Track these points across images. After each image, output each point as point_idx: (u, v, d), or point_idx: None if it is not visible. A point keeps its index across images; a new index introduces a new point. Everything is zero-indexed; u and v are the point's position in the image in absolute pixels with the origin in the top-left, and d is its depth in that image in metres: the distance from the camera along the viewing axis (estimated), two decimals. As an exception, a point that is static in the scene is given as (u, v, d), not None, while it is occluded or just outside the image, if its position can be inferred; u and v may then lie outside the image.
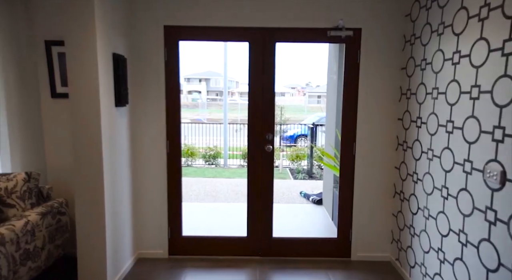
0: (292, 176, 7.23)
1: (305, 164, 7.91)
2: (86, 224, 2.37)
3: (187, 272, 2.80)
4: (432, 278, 2.29)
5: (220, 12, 2.76)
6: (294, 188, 5.94)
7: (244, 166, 8.31)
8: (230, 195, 5.50)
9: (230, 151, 9.04)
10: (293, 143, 10.38)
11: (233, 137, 9.38)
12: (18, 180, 2.47)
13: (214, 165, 8.38)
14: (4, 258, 2.03)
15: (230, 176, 7.15)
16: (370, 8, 2.77)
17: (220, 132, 9.69)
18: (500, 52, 1.65)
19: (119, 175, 2.60)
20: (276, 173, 7.23)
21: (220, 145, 8.96)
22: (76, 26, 2.17)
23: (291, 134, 10.85)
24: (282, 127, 10.65)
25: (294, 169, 7.80)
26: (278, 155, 8.08)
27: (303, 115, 15.79)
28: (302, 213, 4.46)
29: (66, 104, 2.82)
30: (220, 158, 8.61)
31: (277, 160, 7.95)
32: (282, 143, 10.13)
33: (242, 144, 9.22)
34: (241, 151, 8.97)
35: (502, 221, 1.62)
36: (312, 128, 7.70)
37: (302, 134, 10.63)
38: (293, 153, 8.21)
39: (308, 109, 20.18)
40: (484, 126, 1.76)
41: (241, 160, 8.64)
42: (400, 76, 2.84)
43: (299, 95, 27.50)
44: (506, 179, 1.60)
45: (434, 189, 2.27)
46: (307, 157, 7.83)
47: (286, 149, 9.17)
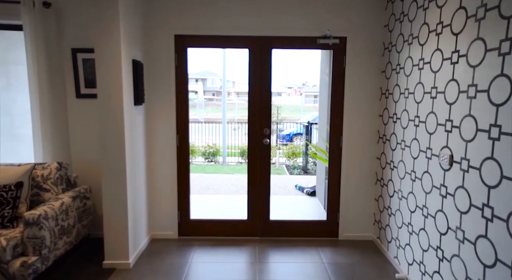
0: (288, 172, 7.65)
1: (300, 161, 8.34)
2: (112, 207, 2.77)
3: (195, 249, 3.21)
4: (404, 248, 2.72)
5: (223, 23, 3.18)
6: (290, 182, 6.36)
7: (242, 163, 8.72)
8: (230, 188, 5.91)
9: (229, 149, 9.45)
10: (290, 141, 10.78)
11: (231, 136, 9.79)
12: (51, 168, 2.88)
13: (214, 162, 8.78)
14: (47, 231, 2.43)
15: (229, 172, 7.56)
16: (354, 20, 3.20)
17: (217, 131, 10.08)
18: (449, 60, 2.08)
19: (137, 165, 3.01)
20: (273, 169, 7.66)
21: (218, 143, 9.36)
22: (105, 38, 2.58)
23: (287, 133, 11.23)
24: (279, 126, 11.05)
25: (290, 165, 8.22)
26: (275, 152, 8.50)
27: (299, 115, 16.20)
28: (297, 203, 4.89)
29: (89, 104, 3.23)
30: (219, 155, 9.01)
31: (273, 157, 8.37)
32: (278, 142, 10.52)
33: (240, 142, 9.62)
34: (239, 149, 9.37)
35: (450, 194, 2.05)
36: (307, 126, 8.12)
37: (298, 133, 11.00)
38: (289, 151, 8.64)
39: (305, 108, 20.59)
40: (440, 119, 2.19)
41: (239, 157, 9.05)
42: (380, 78, 3.27)
43: (295, 95, 27.91)
44: (453, 161, 2.03)
45: (406, 174, 2.71)
46: (302, 154, 8.26)
47: (282, 147, 9.58)
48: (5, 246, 2.25)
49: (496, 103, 1.67)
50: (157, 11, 3.16)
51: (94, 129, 3.25)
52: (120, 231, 2.81)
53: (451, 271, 2.05)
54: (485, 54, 1.76)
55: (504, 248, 1.60)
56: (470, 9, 1.89)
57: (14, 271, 2.28)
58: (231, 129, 10.26)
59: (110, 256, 2.82)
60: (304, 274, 2.79)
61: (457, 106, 2.01)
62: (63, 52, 3.15)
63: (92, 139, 3.26)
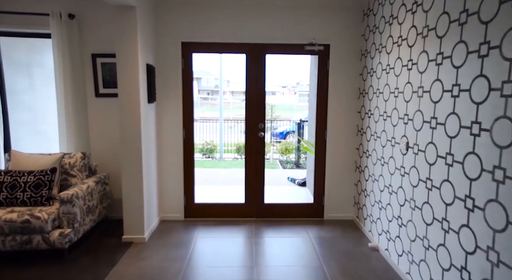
0: (281, 166, 8.17)
1: (293, 156, 8.87)
2: (130, 190, 3.27)
3: (199, 228, 3.71)
4: (376, 222, 3.26)
5: (223, 32, 3.68)
6: (283, 175, 6.88)
7: (238, 159, 9.23)
8: (227, 180, 6.41)
9: (225, 146, 9.94)
10: (283, 139, 11.29)
11: (227, 134, 10.28)
12: (77, 157, 3.36)
13: (211, 158, 9.27)
14: (78, 208, 2.92)
15: (226, 167, 8.07)
16: (336, 30, 3.72)
17: (212, 129, 10.56)
18: (406, 67, 2.62)
19: (149, 155, 3.51)
20: (267, 164, 8.17)
21: (215, 141, 9.85)
22: (125, 46, 3.07)
23: (281, 131, 11.73)
24: (273, 124, 11.56)
25: (283, 160, 8.75)
26: (269, 149, 9.02)
27: (293, 113, 16.72)
28: (289, 192, 5.41)
29: (107, 102, 3.71)
30: (216, 152, 9.51)
31: (268, 153, 8.89)
32: (272, 139, 11.03)
33: (235, 140, 10.12)
34: (235, 146, 9.87)
35: (406, 173, 2.59)
36: (299, 123, 8.65)
37: (292, 131, 11.52)
38: (282, 147, 9.16)
39: (298, 107, 21.13)
40: (400, 114, 2.73)
41: (235, 153, 9.55)
42: (358, 80, 3.80)
43: (289, 94, 28.44)
44: (408, 147, 2.57)
45: (377, 160, 3.24)
46: (295, 150, 8.80)
47: (276, 144, 10.10)
48: (46, 219, 2.74)
49: (434, 101, 2.20)
50: (166, 22, 3.65)
51: (110, 124, 3.74)
52: (136, 211, 3.30)
53: (407, 234, 2.59)
54: (428, 64, 2.30)
55: (440, 211, 2.14)
56: (419, 28, 2.42)
57: (54, 239, 2.77)
58: (227, 127, 10.75)
59: (128, 232, 3.31)
60: (293, 245, 3.31)
61: (411, 103, 2.54)
62: (84, 57, 3.62)
63: (109, 133, 3.75)
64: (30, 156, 3.19)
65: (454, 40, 2.02)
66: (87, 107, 3.71)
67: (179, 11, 3.63)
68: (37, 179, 2.94)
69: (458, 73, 1.97)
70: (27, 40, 4.00)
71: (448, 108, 2.07)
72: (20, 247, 2.75)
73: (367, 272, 2.80)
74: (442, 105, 2.13)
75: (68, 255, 2.90)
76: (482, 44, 1.77)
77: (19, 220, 2.68)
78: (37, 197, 2.91)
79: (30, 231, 2.73)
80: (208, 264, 2.91)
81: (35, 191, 2.92)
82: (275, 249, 3.23)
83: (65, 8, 3.44)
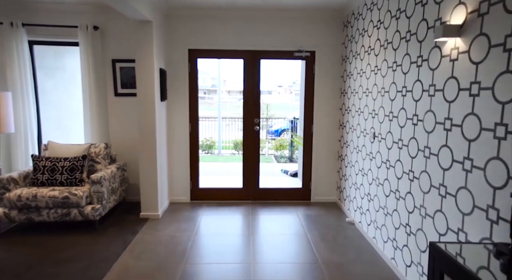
0: (276, 161, 8.81)
1: (287, 152, 9.51)
2: (146, 174, 3.88)
3: (204, 208, 4.33)
4: (352, 201, 3.90)
5: (224, 40, 4.30)
6: (277, 168, 7.52)
7: (235, 154, 9.85)
8: (226, 172, 7.03)
9: (223, 143, 10.55)
10: (278, 136, 11.91)
11: (225, 131, 10.89)
12: (101, 147, 3.97)
13: (210, 153, 9.89)
14: (105, 188, 3.54)
15: (224, 161, 8.68)
16: (320, 38, 4.35)
17: (210, 128, 11.16)
18: (373, 72, 3.26)
19: (162, 145, 4.12)
20: (263, 158, 8.78)
21: (213, 138, 10.46)
22: (143, 54, 3.68)
23: (276, 129, 12.35)
24: (268, 123, 12.17)
25: (278, 156, 9.38)
26: (264, 145, 9.64)
27: (289, 112, 17.32)
28: (282, 182, 6.04)
29: (124, 100, 4.32)
30: (214, 148, 10.12)
31: (263, 149, 9.52)
32: (268, 136, 11.64)
33: (232, 137, 10.73)
34: (232, 143, 10.48)
35: (374, 157, 3.24)
36: (292, 121, 9.29)
37: (286, 129, 12.13)
38: (277, 143, 9.80)
39: (294, 106, 21.75)
40: (370, 110, 3.37)
41: (233, 149, 10.17)
42: (339, 82, 4.44)
43: (286, 93, 29.09)
44: (375, 136, 3.21)
45: (354, 149, 3.88)
46: (289, 146, 9.43)
47: (271, 141, 10.72)
48: (82, 196, 3.35)
49: (392, 99, 2.85)
50: (175, 32, 4.26)
51: (127, 119, 4.34)
52: (151, 193, 3.92)
53: (373, 207, 3.24)
54: (387, 70, 2.94)
55: (394, 184, 2.78)
56: (382, 41, 3.06)
57: (87, 213, 3.38)
58: (224, 125, 11.36)
59: (145, 209, 3.93)
60: (283, 220, 3.95)
61: (377, 101, 3.18)
62: (106, 62, 4.23)
63: (126, 127, 4.36)
64: (63, 146, 3.80)
65: (403, 53, 2.66)
66: (107, 104, 4.31)
67: (186, 23, 4.24)
68: (71, 164, 3.55)
69: (406, 78, 2.61)
70: (53, 46, 4.59)
71: (399, 105, 2.71)
72: (61, 218, 3.36)
73: (342, 238, 3.44)
74: (396, 102, 2.77)
75: (98, 226, 3.52)
76: (418, 57, 2.41)
77: (60, 196, 3.29)
78: (72, 178, 3.52)
79: (69, 206, 3.34)
80: (213, 233, 3.54)
81: (70, 173, 3.53)
82: (269, 223, 3.87)
83: (90, 21, 4.05)
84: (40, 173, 3.50)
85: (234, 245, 3.27)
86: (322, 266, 2.86)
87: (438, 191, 2.16)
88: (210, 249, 3.18)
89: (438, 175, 2.16)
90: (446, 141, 2.06)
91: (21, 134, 4.07)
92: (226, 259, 2.98)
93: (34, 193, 3.28)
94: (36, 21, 4.03)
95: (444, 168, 2.09)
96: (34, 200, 3.28)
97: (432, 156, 2.22)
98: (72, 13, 4.06)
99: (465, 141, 1.88)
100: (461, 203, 1.92)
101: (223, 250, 3.15)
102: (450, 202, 2.02)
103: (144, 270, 2.77)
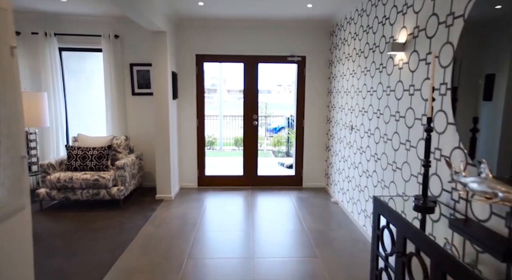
0: (274, 155, 9.48)
1: (284, 148, 10.19)
2: (161, 162, 4.55)
3: (210, 192, 5.01)
4: (337, 184, 4.58)
5: (227, 47, 4.96)
6: (275, 161, 8.20)
7: (236, 150, 10.52)
8: (228, 165, 7.70)
9: (224, 140, 11.22)
10: (276, 134, 12.56)
11: (226, 129, 11.55)
12: (122, 139, 4.64)
13: (212, 149, 10.56)
14: (127, 173, 4.21)
15: (226, 155, 9.36)
16: (310, 45, 5.02)
17: (211, 126, 11.82)
18: (351, 75, 3.94)
19: (173, 138, 4.79)
20: (262, 153, 9.47)
21: (214, 135, 11.13)
22: (159, 59, 4.34)
23: (274, 127, 13.00)
24: (267, 120, 12.82)
25: (275, 151, 10.06)
26: (263, 142, 10.31)
27: (287, 111, 17.95)
28: (278, 173, 6.71)
29: (140, 99, 4.99)
30: (216, 145, 10.79)
31: (262, 144, 10.20)
32: (266, 134, 12.30)
33: (232, 134, 11.40)
34: (233, 139, 11.15)
35: (352, 145, 3.92)
36: (288, 118, 9.96)
37: (283, 127, 12.78)
38: (275, 139, 10.48)
39: (293, 105, 22.38)
40: (349, 107, 4.04)
41: (233, 146, 10.84)
42: (327, 82, 5.11)
43: (285, 92, 29.78)
44: (352, 128, 3.89)
45: (338, 140, 4.56)
46: (286, 142, 10.11)
47: (269, 138, 11.39)
48: (109, 179, 4.03)
49: (363, 97, 3.52)
50: (184, 39, 4.92)
51: (143, 116, 5.02)
52: (165, 178, 4.59)
53: (351, 186, 3.92)
54: (361, 73, 3.61)
55: (365, 165, 3.47)
56: (358, 50, 3.74)
57: (114, 193, 4.06)
58: (225, 123, 12.02)
59: (160, 192, 4.60)
60: (278, 202, 4.63)
61: (354, 99, 3.86)
62: (125, 66, 4.90)
63: (142, 122, 5.03)
64: (90, 138, 4.47)
65: (371, 60, 3.33)
66: (126, 102, 4.98)
67: (194, 32, 4.91)
68: (99, 153, 4.23)
69: (372, 81, 3.29)
70: (77, 52, 5.26)
71: (368, 102, 3.39)
72: (92, 197, 4.04)
73: (327, 213, 4.12)
74: (366, 100, 3.45)
75: (122, 204, 4.21)
76: (380, 64, 3.09)
77: (92, 179, 3.97)
78: (100, 165, 4.20)
79: (98, 187, 4.02)
80: (218, 211, 4.22)
81: (98, 161, 4.20)
82: (265, 204, 4.55)
83: (112, 30, 4.72)
84: (73, 160, 4.18)
85: (236, 219, 3.95)
86: (307, 232, 3.54)
87: (392, 167, 2.84)
88: (216, 222, 3.86)
89: (392, 155, 2.84)
90: (397, 128, 2.74)
91: (53, 128, 4.74)
92: (230, 229, 3.66)
93: (70, 176, 3.96)
94: (66, 31, 4.70)
95: (395, 149, 2.77)
96: (70, 182, 3.95)
97: (388, 141, 2.90)
98: (96, 24, 4.73)
99: (406, 128, 2.56)
100: (404, 174, 2.60)
101: (227, 223, 3.83)
102: (398, 174, 2.70)
103: (164, 235, 3.45)
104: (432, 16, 2.22)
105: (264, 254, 3.07)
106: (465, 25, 1.88)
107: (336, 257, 3.00)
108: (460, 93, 1.91)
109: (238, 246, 3.25)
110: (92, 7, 4.21)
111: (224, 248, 3.21)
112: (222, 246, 3.26)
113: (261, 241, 3.35)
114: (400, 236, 1.83)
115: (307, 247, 3.21)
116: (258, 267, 2.83)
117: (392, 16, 2.84)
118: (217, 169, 6.79)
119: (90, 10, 4.36)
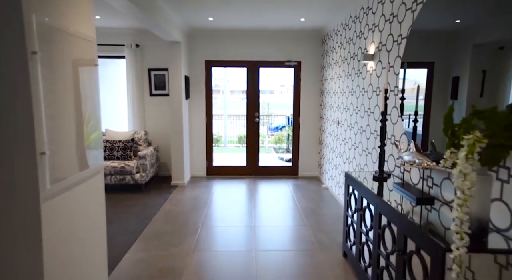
0: (275, 152, 10.20)
1: (285, 145, 10.90)
2: (176, 154, 5.28)
3: (217, 180, 5.73)
4: (327, 172, 5.29)
5: (232, 53, 5.69)
6: (276, 157, 8.92)
7: (239, 147, 11.25)
8: (233, 160, 8.43)
9: (228, 138, 11.95)
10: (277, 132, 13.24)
11: (230, 127, 12.27)
12: (142, 134, 5.38)
13: (217, 146, 11.29)
14: (148, 162, 4.95)
15: (230, 152, 10.09)
16: (305, 51, 5.73)
17: (215, 124, 12.54)
18: (338, 78, 4.65)
19: (186, 133, 5.52)
20: (263, 149, 10.20)
21: (219, 133, 11.87)
22: (174, 65, 5.08)
23: (276, 126, 13.69)
24: (269, 119, 13.52)
25: (276, 147, 10.78)
26: (264, 139, 11.03)
27: (289, 110, 18.64)
28: (278, 164, 7.43)
29: (157, 99, 5.73)
30: (221, 142, 11.52)
31: (263, 142, 10.92)
32: (268, 132, 13.00)
33: (236, 132, 12.13)
34: (237, 137, 11.87)
35: (338, 138, 4.63)
36: (288, 117, 10.67)
37: (283, 126, 13.45)
38: (276, 137, 11.19)
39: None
40: (336, 105, 4.75)
41: (237, 143, 11.57)
42: (319, 84, 5.83)
43: (287, 93, 30.51)
44: (338, 123, 4.60)
45: (328, 134, 5.27)
46: (286, 139, 10.83)
47: (271, 136, 12.10)
48: (133, 166, 4.77)
49: (346, 97, 4.24)
50: (195, 47, 5.66)
51: (159, 114, 5.75)
52: (179, 166, 5.32)
53: (338, 172, 4.63)
54: (344, 77, 4.33)
55: (347, 153, 4.19)
56: (342, 57, 4.45)
57: (137, 178, 4.80)
58: (229, 122, 12.75)
59: (174, 179, 5.34)
60: (277, 188, 5.34)
61: (339, 98, 4.57)
62: (144, 71, 5.64)
63: (158, 119, 5.77)
64: (116, 132, 5.22)
65: (351, 66, 4.04)
66: (144, 102, 5.73)
67: (203, 41, 5.64)
68: (124, 145, 4.97)
69: (353, 84, 4.00)
70: (102, 59, 6.01)
71: (350, 101, 4.10)
72: (119, 182, 4.78)
73: (318, 196, 4.83)
74: (348, 99, 4.16)
75: (144, 188, 4.95)
76: (358, 70, 3.80)
77: (119, 166, 4.71)
78: (125, 155, 4.94)
79: (124, 173, 4.76)
80: (224, 195, 4.94)
81: (123, 151, 4.94)
82: (266, 190, 5.27)
83: (134, 40, 5.47)
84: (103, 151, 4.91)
85: (240, 201, 4.68)
86: (300, 210, 4.26)
87: (365, 152, 3.55)
88: (223, 203, 4.59)
89: (365, 143, 3.55)
90: (368, 121, 3.46)
91: (82, 124, 5.48)
92: (235, 208, 4.38)
93: (100, 164, 4.70)
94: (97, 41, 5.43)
95: (367, 138, 3.49)
96: (101, 168, 4.69)
97: (363, 132, 3.62)
98: (120, 35, 5.48)
99: (374, 121, 3.28)
100: (374, 157, 3.32)
101: (233, 203, 4.56)
102: (369, 158, 3.41)
103: (181, 211, 4.19)
104: (389, 35, 2.93)
105: (263, 224, 3.79)
106: (406, 43, 2.60)
107: (321, 226, 3.72)
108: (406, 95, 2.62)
109: (242, 219, 3.98)
110: (119, 21, 4.95)
111: (230, 219, 3.94)
112: (229, 218, 3.99)
113: (261, 215, 4.07)
114: (359, 197, 2.55)
115: (299, 219, 3.93)
116: (258, 235, 3.55)
117: (365, 32, 3.56)
118: (223, 161, 7.52)
119: (117, 24, 5.11)
